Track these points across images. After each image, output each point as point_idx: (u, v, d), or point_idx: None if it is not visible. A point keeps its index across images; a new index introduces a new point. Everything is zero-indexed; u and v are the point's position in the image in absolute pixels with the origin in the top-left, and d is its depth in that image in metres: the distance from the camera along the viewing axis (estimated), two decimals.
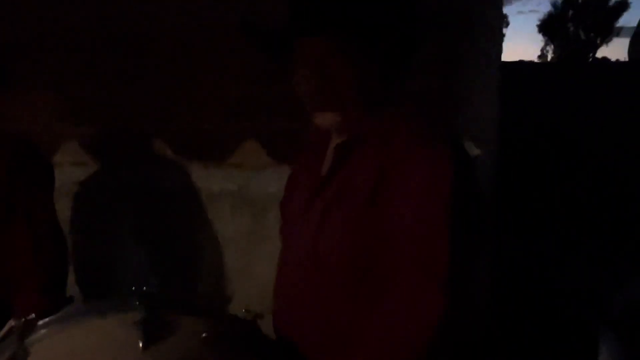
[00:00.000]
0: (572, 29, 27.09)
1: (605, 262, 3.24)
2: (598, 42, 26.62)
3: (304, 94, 1.10)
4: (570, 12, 26.68)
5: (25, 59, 2.21)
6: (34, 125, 2.27)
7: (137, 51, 2.19)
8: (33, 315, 1.02)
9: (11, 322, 1.42)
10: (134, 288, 1.05)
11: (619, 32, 25.58)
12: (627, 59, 17.81)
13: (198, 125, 2.18)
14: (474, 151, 2.00)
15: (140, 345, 0.95)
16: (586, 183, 4.21)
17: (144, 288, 1.06)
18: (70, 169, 2.25)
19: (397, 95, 1.13)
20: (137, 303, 1.02)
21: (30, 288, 1.55)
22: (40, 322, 1.01)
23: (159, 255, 2.31)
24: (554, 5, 27.20)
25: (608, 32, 26.11)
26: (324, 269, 1.08)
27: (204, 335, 1.03)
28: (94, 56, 2.22)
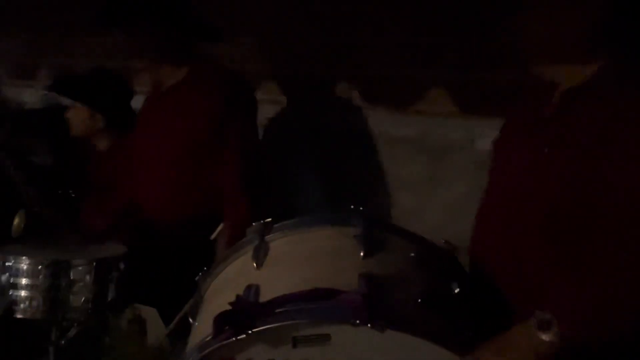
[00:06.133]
0: None
1: None
2: None
3: (537, 40, 1.12)
4: None
5: (230, 7, 2.46)
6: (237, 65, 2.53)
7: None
8: (270, 219, 1.20)
9: (221, 226, 1.70)
10: (352, 207, 1.20)
11: None
12: None
13: (386, 71, 2.26)
14: None
15: (362, 254, 1.09)
16: None
17: (360, 208, 1.20)
18: (268, 107, 2.49)
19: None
20: (356, 219, 1.16)
21: (239, 199, 1.86)
22: (276, 225, 1.19)
23: (336, 194, 2.47)
24: None
25: None
26: (540, 213, 1.11)
27: (411, 255, 1.15)
28: (293, 3, 2.40)
